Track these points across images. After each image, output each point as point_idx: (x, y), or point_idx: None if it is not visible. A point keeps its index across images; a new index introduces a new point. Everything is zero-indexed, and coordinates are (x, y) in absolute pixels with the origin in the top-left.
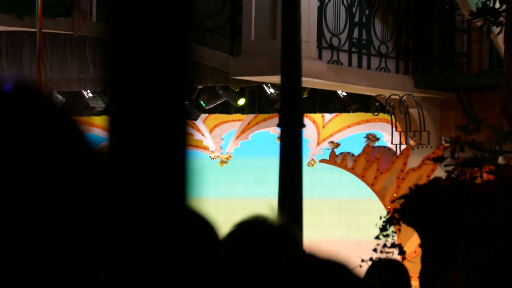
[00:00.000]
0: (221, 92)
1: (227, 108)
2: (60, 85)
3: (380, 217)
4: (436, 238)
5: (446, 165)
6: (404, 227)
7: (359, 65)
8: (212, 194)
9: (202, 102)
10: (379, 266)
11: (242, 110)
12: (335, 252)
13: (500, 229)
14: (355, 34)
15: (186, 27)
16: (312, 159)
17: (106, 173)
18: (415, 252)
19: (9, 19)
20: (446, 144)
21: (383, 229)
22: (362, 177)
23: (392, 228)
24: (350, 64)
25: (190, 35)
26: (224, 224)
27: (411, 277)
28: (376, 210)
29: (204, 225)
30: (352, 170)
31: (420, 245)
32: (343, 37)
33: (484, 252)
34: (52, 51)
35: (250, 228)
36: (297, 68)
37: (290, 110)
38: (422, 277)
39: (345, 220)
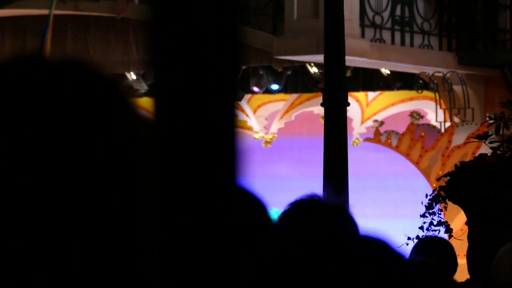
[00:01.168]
0: (261, 72)
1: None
2: (104, 68)
3: (426, 195)
4: (482, 216)
5: (491, 142)
6: (450, 205)
7: (402, 42)
8: (258, 174)
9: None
10: (425, 244)
11: (285, 89)
12: (380, 230)
13: None
14: (398, 11)
15: (232, 6)
16: (357, 138)
17: (159, 156)
18: (462, 230)
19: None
20: (491, 121)
21: (429, 207)
22: (407, 155)
23: (438, 206)
24: (393, 42)
25: (237, 15)
26: (270, 204)
27: (458, 255)
28: (421, 188)
29: (253, 202)
30: (396, 148)
31: (467, 223)
32: (386, 14)
33: None
34: (96, 34)
35: (306, 206)
36: (340, 47)
37: (334, 89)
38: (469, 255)
39: (391, 198)
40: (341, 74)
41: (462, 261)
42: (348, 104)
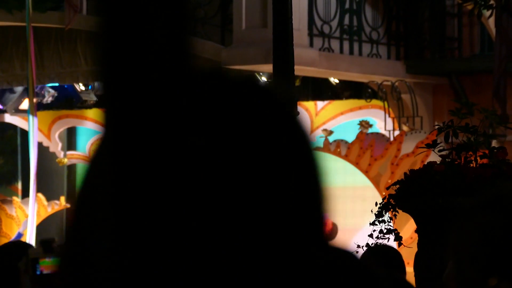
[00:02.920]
0: None
1: None
2: (52, 79)
3: (376, 204)
4: (431, 224)
5: (440, 150)
6: (399, 213)
7: (351, 51)
8: None
9: None
10: (374, 252)
11: None
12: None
13: (488, 209)
14: (346, 20)
15: (180, 17)
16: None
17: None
18: (411, 238)
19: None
20: (439, 129)
21: (378, 215)
22: (356, 164)
23: (387, 214)
24: (341, 51)
25: (185, 25)
26: None
27: (408, 263)
28: (371, 197)
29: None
30: (346, 157)
31: (416, 231)
32: (334, 24)
33: (470, 233)
34: (43, 45)
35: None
36: (289, 56)
37: None
38: (417, 263)
39: (340, 207)
40: (290, 84)
41: (410, 269)
42: (298, 114)
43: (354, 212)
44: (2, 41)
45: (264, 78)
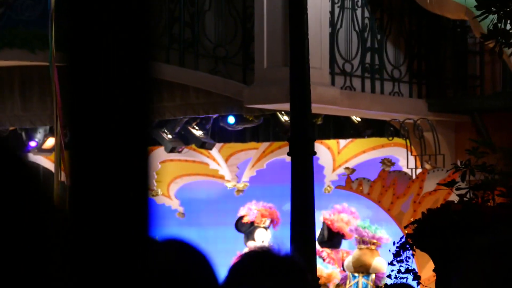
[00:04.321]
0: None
1: (243, 137)
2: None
3: (394, 243)
4: (449, 263)
5: (457, 189)
6: (420, 251)
7: (372, 90)
8: (230, 222)
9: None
10: None
11: (256, 138)
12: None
13: (498, 247)
14: (368, 59)
15: (142, 45)
16: (328, 185)
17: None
18: (434, 276)
19: (22, 54)
20: (456, 167)
21: (396, 254)
22: (378, 202)
23: (406, 253)
24: (363, 89)
25: (148, 54)
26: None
27: None
28: (394, 235)
29: (197, 259)
30: (368, 195)
31: (434, 270)
32: (356, 62)
33: (480, 273)
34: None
35: (255, 259)
36: (306, 96)
37: (300, 138)
38: None
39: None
40: (307, 123)
41: None
42: (315, 153)
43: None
44: (26, 81)
45: (286, 117)
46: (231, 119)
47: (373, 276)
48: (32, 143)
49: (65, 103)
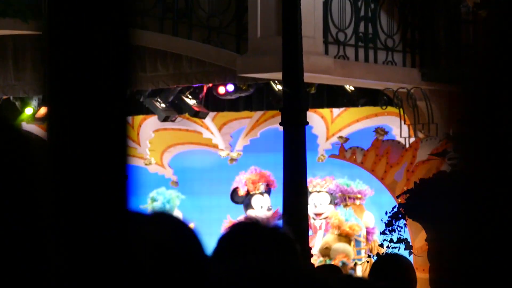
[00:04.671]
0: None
1: (236, 106)
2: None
3: (386, 213)
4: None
5: (450, 159)
6: (412, 221)
7: (366, 59)
8: (223, 192)
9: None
10: (382, 262)
11: (250, 107)
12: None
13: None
14: (361, 28)
15: (121, 10)
16: (322, 154)
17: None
18: (426, 245)
19: (14, 23)
20: (448, 136)
21: (388, 224)
22: (372, 171)
23: (398, 223)
24: (356, 58)
25: (126, 19)
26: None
27: (423, 270)
28: (387, 204)
29: (182, 233)
30: (362, 164)
31: (426, 239)
32: (349, 31)
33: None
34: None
35: (243, 230)
36: (298, 65)
37: (292, 108)
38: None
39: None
40: (299, 93)
41: (425, 275)
42: (307, 123)
43: (371, 219)
44: (19, 50)
45: (279, 86)
46: (230, 87)
47: (364, 232)
48: (28, 112)
49: (47, 71)
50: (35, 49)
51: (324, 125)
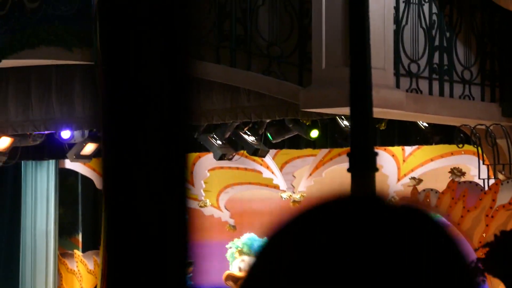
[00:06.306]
0: (291, 125)
1: (297, 143)
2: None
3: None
4: None
5: None
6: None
7: (441, 93)
8: None
9: (269, 135)
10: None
11: (313, 144)
12: None
13: None
14: (436, 59)
15: (184, 45)
16: (392, 197)
17: None
18: None
19: (58, 52)
20: None
21: None
22: (447, 216)
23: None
24: (430, 92)
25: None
26: None
27: None
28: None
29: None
30: (436, 208)
31: None
32: (423, 62)
33: None
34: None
35: None
36: (367, 99)
37: (361, 151)
38: None
39: None
40: (368, 132)
41: None
42: (377, 170)
43: None
44: (63, 81)
45: (346, 122)
46: (314, 133)
47: None
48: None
49: (102, 104)
50: (82, 80)
51: (395, 164)
